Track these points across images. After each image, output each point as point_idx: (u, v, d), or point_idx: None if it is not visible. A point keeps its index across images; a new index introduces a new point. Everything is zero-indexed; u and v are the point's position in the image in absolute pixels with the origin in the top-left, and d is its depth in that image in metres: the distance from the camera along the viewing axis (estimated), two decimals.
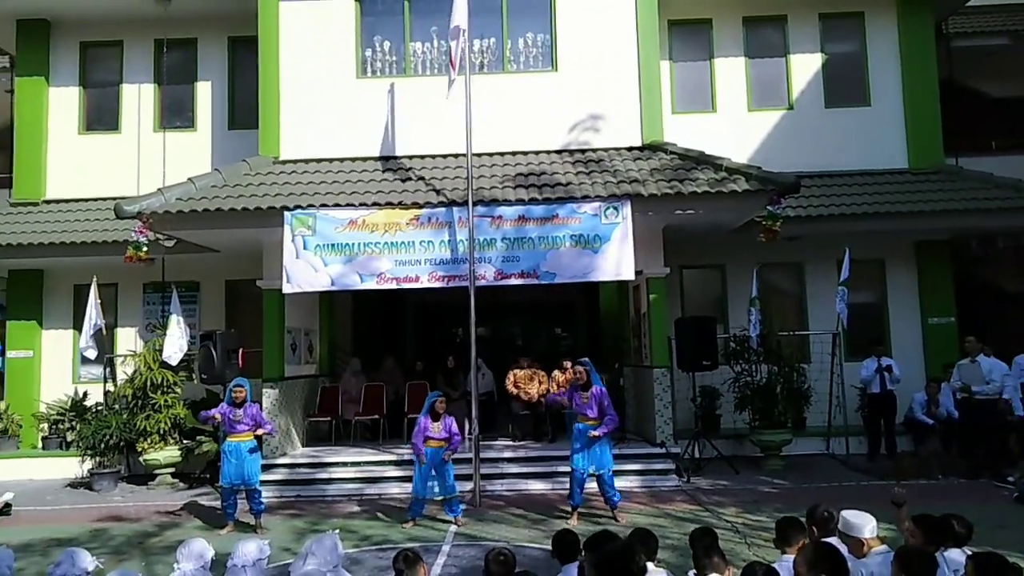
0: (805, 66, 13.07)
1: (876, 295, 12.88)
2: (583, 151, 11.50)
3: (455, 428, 8.55)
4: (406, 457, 10.45)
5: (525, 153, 11.54)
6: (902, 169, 12.76)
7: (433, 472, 8.35)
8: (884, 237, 12.28)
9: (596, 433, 8.15)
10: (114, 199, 11.05)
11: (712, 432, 11.57)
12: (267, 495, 9.56)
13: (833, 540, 4.50)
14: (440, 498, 8.47)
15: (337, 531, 5.27)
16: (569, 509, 8.44)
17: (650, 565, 4.24)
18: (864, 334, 12.00)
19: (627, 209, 9.91)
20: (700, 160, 10.84)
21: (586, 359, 8.81)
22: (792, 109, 13.02)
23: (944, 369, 11.51)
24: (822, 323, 12.13)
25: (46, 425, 12.60)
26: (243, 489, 8.48)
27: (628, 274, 9.96)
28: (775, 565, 4.15)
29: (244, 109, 12.99)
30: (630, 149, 11.48)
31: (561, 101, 11.58)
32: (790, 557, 4.21)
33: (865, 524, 4.22)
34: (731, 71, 13.09)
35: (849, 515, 4.30)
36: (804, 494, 9.15)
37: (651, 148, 11.38)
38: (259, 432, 8.70)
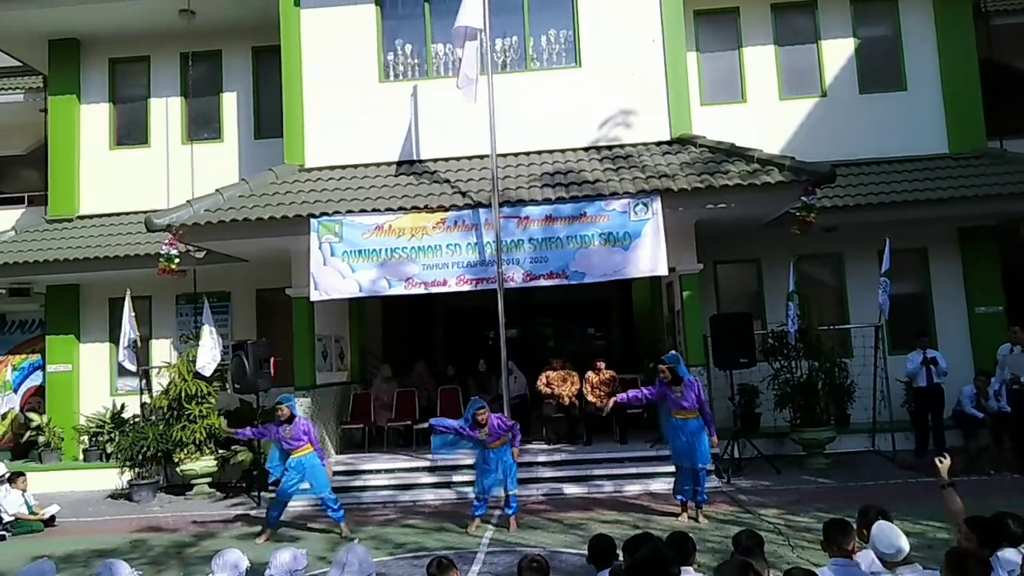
0: (837, 52, 12.71)
1: (919, 285, 12.46)
2: (610, 147, 11.31)
3: (507, 422, 8.41)
4: (439, 463, 10.37)
5: (551, 152, 11.39)
6: (942, 154, 12.33)
7: (500, 473, 8.23)
8: (926, 225, 11.87)
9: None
10: (145, 212, 11.16)
11: (751, 431, 11.27)
12: (302, 504, 9.58)
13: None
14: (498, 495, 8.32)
15: (357, 540, 5.18)
16: (679, 509, 8.31)
17: (689, 569, 4.08)
18: (907, 326, 11.60)
19: (657, 205, 9.71)
20: (731, 152, 10.58)
21: (672, 353, 8.59)
22: (825, 96, 12.67)
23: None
24: (863, 316, 11.76)
25: (86, 437, 12.80)
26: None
27: (660, 271, 9.75)
28: (821, 570, 3.95)
29: (269, 118, 13.05)
30: (658, 143, 11.26)
31: (586, 97, 11.40)
32: (841, 560, 4.01)
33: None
34: (760, 60, 12.78)
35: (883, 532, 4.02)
36: (849, 493, 8.87)
37: (680, 142, 11.15)
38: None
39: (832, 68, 12.70)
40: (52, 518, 9.87)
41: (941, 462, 4.67)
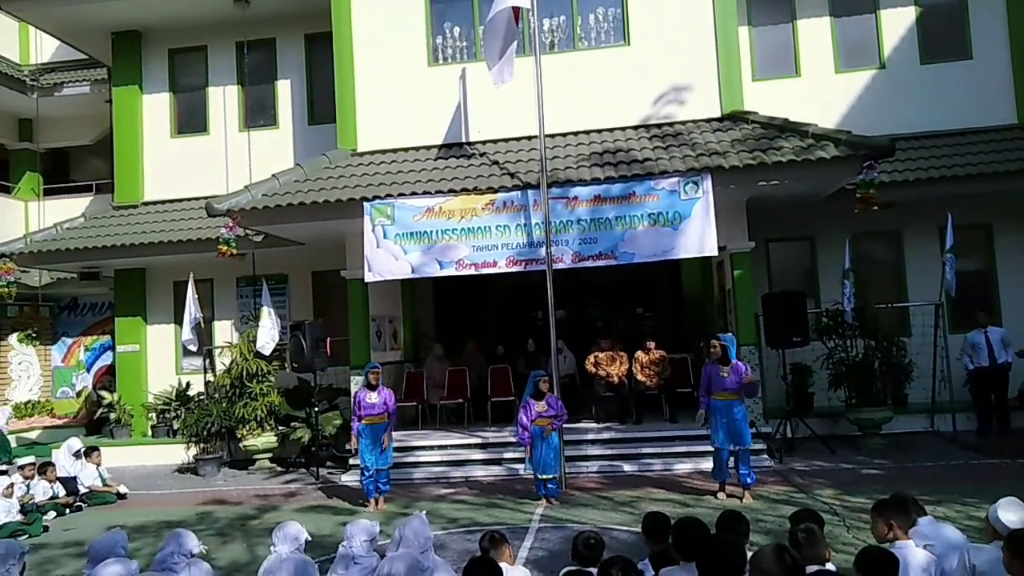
0: (897, 21, 12.27)
1: (983, 262, 12.03)
2: (660, 125, 11.19)
3: (560, 404, 8.61)
4: (491, 440, 10.56)
5: (599, 131, 11.34)
6: (1010, 124, 11.84)
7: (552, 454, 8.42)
8: (991, 200, 11.43)
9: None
10: (205, 198, 11.53)
11: (805, 411, 11.12)
12: (355, 478, 9.86)
13: (923, 523, 4.20)
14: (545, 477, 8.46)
15: (425, 512, 5.37)
16: (717, 487, 8.40)
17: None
18: (969, 304, 11.23)
19: (708, 183, 9.59)
20: (784, 128, 10.37)
21: (730, 335, 8.67)
22: (884, 68, 12.26)
23: None
24: (923, 294, 11.44)
25: (154, 414, 13.39)
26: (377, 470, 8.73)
27: (710, 251, 9.66)
28: (893, 548, 3.90)
29: (322, 104, 13.31)
30: (709, 120, 11.10)
31: (635, 75, 11.28)
32: (903, 542, 3.96)
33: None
34: (815, 32, 12.42)
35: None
36: (907, 474, 8.72)
37: (732, 118, 10.97)
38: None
39: (891, 38, 12.27)
40: (124, 494, 10.39)
41: None
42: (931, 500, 6.26)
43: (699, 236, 9.56)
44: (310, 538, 5.18)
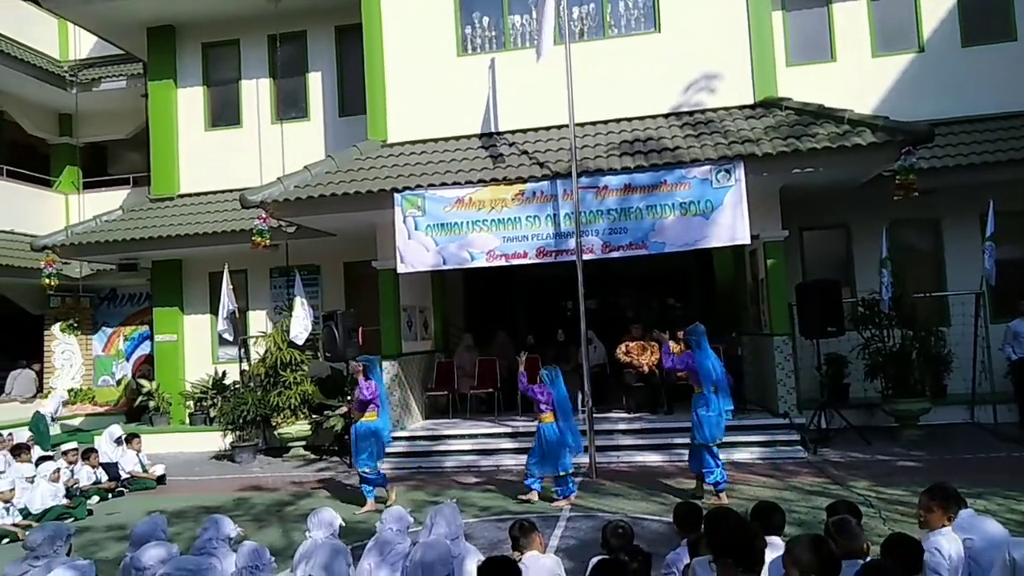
0: (937, 2, 11.95)
1: None
2: (691, 113, 11.07)
3: (534, 389, 8.31)
4: (521, 429, 10.59)
5: (630, 119, 11.25)
6: None
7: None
8: None
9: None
10: (239, 190, 11.72)
11: (840, 402, 10.96)
12: (386, 467, 9.97)
13: (963, 516, 4.11)
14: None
15: (455, 500, 5.41)
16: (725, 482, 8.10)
17: (776, 539, 4.07)
18: (1011, 293, 10.93)
19: (740, 171, 9.47)
20: (819, 114, 10.18)
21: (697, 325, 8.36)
22: (923, 52, 11.96)
23: None
24: (963, 283, 11.18)
25: (191, 403, 13.67)
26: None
27: (743, 239, 9.55)
28: (925, 540, 3.84)
29: (353, 96, 13.42)
30: (742, 108, 10.95)
31: (666, 63, 11.16)
32: (945, 530, 3.88)
33: None
34: (851, 15, 12.15)
35: None
36: (945, 466, 8.55)
37: (765, 105, 10.80)
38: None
39: (931, 21, 11.95)
40: (162, 476, 10.65)
41: None
42: (971, 493, 6.13)
43: (731, 224, 9.46)
44: (344, 524, 5.26)
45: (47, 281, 13.33)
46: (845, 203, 11.52)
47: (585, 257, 9.46)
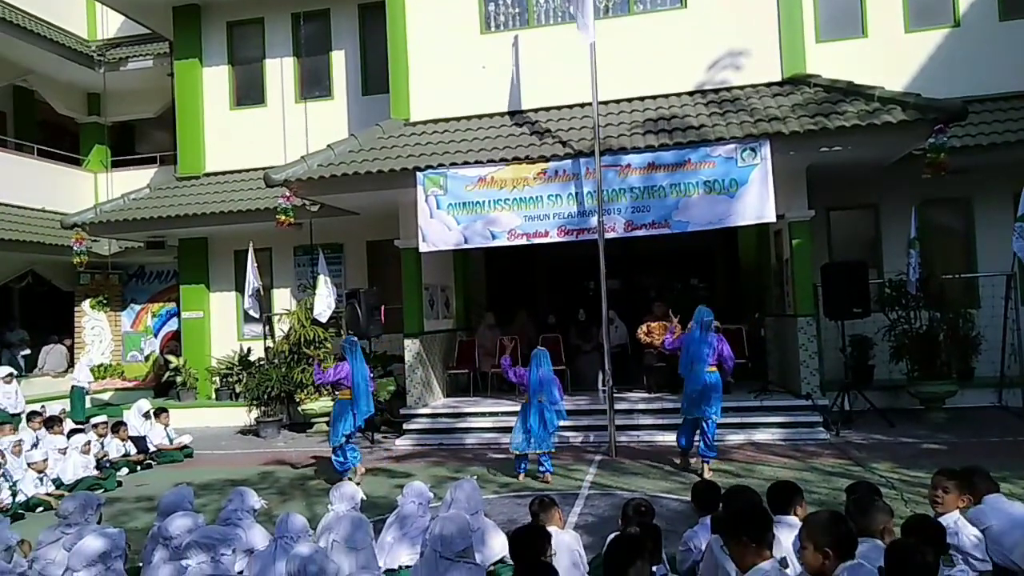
0: None
1: None
2: (717, 91, 10.91)
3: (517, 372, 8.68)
4: None
5: (654, 97, 11.12)
6: None
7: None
8: None
9: None
10: (263, 168, 11.79)
11: (864, 383, 10.84)
12: (408, 443, 10.11)
13: (990, 499, 4.09)
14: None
15: (475, 477, 5.47)
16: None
17: (793, 518, 4.07)
18: None
19: (766, 150, 9.33)
20: (848, 91, 9.98)
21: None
22: (958, 26, 11.63)
23: None
24: (994, 264, 10.95)
25: (217, 378, 13.90)
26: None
27: (768, 217, 9.43)
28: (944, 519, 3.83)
29: (376, 75, 13.41)
30: (769, 85, 10.77)
31: (692, 39, 10.99)
32: (956, 513, 3.88)
33: None
34: None
35: None
36: (971, 449, 8.44)
37: (792, 82, 10.61)
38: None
39: None
40: (190, 450, 10.84)
41: None
42: (997, 476, 6.01)
43: (756, 203, 9.35)
44: (365, 498, 5.35)
45: (78, 259, 13.58)
46: (873, 182, 11.31)
47: (607, 236, 9.41)
